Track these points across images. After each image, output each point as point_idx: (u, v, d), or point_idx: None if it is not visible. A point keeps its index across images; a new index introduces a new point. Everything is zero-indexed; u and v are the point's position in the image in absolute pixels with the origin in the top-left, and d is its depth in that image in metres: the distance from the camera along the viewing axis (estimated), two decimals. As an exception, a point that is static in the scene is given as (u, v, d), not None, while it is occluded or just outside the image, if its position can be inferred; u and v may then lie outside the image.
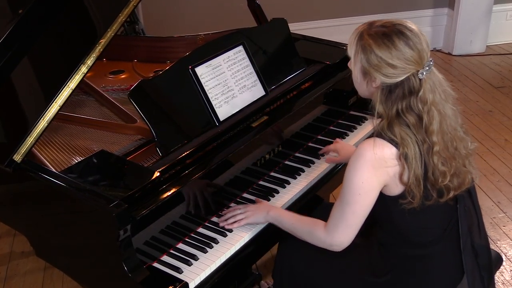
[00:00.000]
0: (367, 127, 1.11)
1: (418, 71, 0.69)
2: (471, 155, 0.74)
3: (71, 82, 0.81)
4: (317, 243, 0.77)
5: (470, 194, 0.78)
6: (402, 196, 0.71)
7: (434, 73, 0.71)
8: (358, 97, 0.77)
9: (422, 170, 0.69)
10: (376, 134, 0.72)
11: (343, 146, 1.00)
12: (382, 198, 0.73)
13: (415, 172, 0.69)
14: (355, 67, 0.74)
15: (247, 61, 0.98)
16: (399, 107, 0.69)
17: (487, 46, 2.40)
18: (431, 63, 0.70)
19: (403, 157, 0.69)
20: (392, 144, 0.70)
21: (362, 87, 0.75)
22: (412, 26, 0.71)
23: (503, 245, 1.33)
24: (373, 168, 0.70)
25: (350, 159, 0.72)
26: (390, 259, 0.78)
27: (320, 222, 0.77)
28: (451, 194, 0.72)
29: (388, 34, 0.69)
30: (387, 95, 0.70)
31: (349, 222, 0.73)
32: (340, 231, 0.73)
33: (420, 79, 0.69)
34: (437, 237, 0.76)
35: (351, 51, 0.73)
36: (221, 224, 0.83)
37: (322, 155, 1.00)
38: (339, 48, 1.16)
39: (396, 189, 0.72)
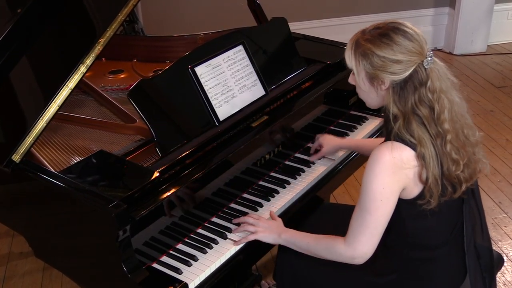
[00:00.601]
0: (368, 126, 1.11)
1: (423, 61, 0.69)
2: (479, 143, 0.74)
3: (70, 81, 0.80)
4: (337, 258, 0.75)
5: (474, 194, 0.77)
6: (420, 197, 0.70)
7: (437, 62, 0.71)
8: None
9: (439, 169, 0.69)
10: (394, 137, 0.70)
11: (324, 138, 0.99)
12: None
13: (433, 172, 0.68)
14: (359, 77, 0.73)
15: (247, 61, 0.97)
16: (413, 101, 0.68)
17: (488, 45, 2.40)
18: (432, 52, 0.70)
19: (421, 157, 0.68)
20: (410, 146, 0.69)
21: (371, 95, 0.74)
22: (404, 22, 0.71)
23: (505, 246, 1.32)
24: (393, 172, 0.68)
25: (367, 165, 0.70)
26: (394, 261, 0.77)
27: (337, 237, 0.74)
28: (464, 187, 0.71)
29: (385, 33, 0.69)
30: (400, 93, 0.69)
31: (371, 231, 0.70)
32: (363, 241, 0.71)
33: (426, 69, 0.68)
34: (443, 240, 0.75)
35: (351, 63, 0.72)
36: (233, 232, 0.81)
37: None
38: (339, 47, 1.16)
39: (414, 190, 0.70)
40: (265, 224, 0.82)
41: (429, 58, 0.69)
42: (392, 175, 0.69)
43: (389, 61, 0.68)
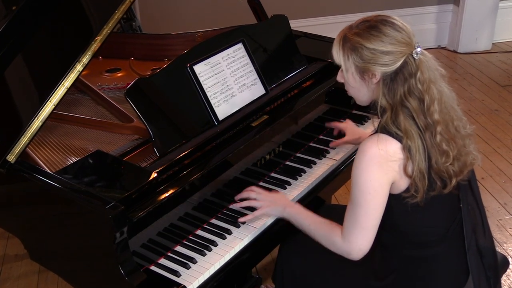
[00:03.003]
0: (370, 126, 1.09)
1: (412, 52, 0.69)
2: (471, 135, 0.74)
3: (66, 80, 0.79)
4: (334, 250, 0.75)
5: (472, 189, 0.76)
6: (406, 191, 0.70)
7: (425, 54, 0.71)
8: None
9: (426, 163, 0.69)
10: (380, 129, 0.70)
11: (352, 127, 0.99)
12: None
13: (419, 165, 0.68)
14: (348, 74, 0.73)
15: (246, 59, 0.96)
16: (402, 92, 0.69)
17: (493, 43, 2.36)
18: (419, 43, 0.70)
19: (406, 149, 0.69)
20: (396, 139, 0.69)
21: (362, 90, 0.74)
22: (391, 15, 0.71)
23: (510, 248, 1.30)
24: (380, 165, 0.68)
25: (355, 158, 0.71)
26: (392, 262, 0.77)
27: (337, 228, 0.75)
28: (454, 181, 0.71)
29: (374, 25, 0.69)
30: (390, 85, 0.70)
31: (363, 225, 0.71)
32: (356, 235, 0.71)
33: (415, 60, 0.69)
34: (440, 237, 0.74)
35: (339, 59, 0.72)
36: (235, 206, 0.81)
37: (324, 153, 0.99)
38: None
39: (402, 184, 0.70)
40: (269, 198, 0.82)
41: (418, 49, 0.69)
42: (379, 167, 0.68)
43: (379, 52, 0.68)
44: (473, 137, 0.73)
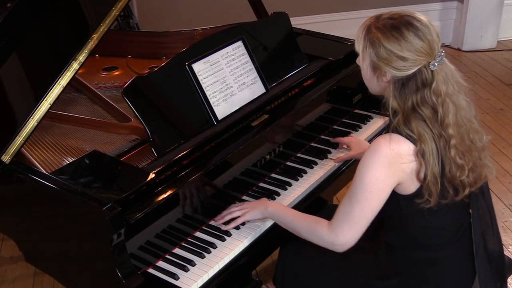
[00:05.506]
0: (372, 126, 1.08)
1: (430, 62, 0.67)
2: (486, 148, 0.73)
3: (62, 79, 0.78)
4: (318, 241, 0.74)
5: (484, 194, 0.75)
6: (418, 195, 0.69)
7: (446, 64, 0.70)
8: (368, 94, 0.74)
9: (439, 167, 0.67)
10: (392, 129, 0.69)
11: (357, 141, 0.97)
12: (394, 197, 0.70)
13: (433, 169, 0.67)
14: (364, 62, 0.72)
15: (246, 57, 0.95)
16: (414, 100, 0.68)
17: (498, 41, 2.34)
18: (443, 53, 0.68)
19: (420, 154, 0.67)
20: (409, 140, 0.68)
21: (372, 82, 0.73)
22: (421, 16, 0.69)
23: (515, 250, 1.29)
24: (389, 165, 0.67)
25: (364, 155, 0.70)
26: (397, 263, 0.76)
27: (323, 220, 0.74)
28: (467, 191, 0.70)
29: (396, 26, 0.67)
30: (400, 89, 0.68)
31: (356, 221, 0.70)
32: (346, 229, 0.70)
33: (432, 71, 0.67)
34: (448, 240, 0.74)
35: (359, 47, 0.72)
36: (217, 223, 0.80)
37: (326, 153, 0.98)
38: (343, 43, 1.13)
39: (411, 187, 0.69)
40: (250, 204, 0.82)
41: (438, 59, 0.67)
42: (387, 168, 0.68)
43: (394, 56, 0.67)
44: (488, 149, 0.72)
